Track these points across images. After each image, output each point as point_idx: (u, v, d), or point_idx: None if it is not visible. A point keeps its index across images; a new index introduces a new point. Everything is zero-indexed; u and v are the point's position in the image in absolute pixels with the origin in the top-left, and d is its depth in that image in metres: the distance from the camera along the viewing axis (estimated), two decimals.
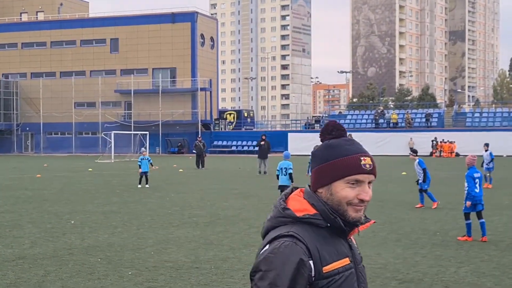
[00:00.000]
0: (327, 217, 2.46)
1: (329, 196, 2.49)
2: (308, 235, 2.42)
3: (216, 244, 12.64)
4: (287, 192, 2.57)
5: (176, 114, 75.30)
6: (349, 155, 2.52)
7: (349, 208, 2.48)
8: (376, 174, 2.57)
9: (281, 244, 2.38)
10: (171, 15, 77.43)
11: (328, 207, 2.47)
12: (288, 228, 2.44)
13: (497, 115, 68.16)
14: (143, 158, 26.78)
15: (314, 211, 2.47)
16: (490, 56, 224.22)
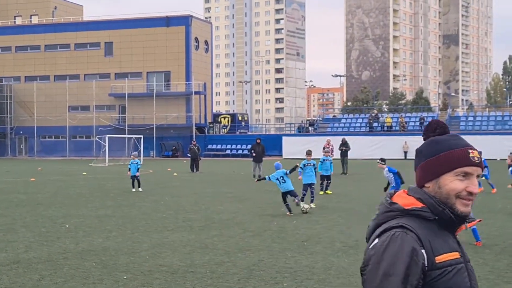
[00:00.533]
0: (435, 209, 2.46)
1: (437, 189, 2.49)
2: (418, 226, 2.41)
3: (211, 248, 12.63)
4: (391, 193, 2.59)
5: (170, 118, 75.25)
6: (457, 148, 2.53)
7: (457, 202, 2.47)
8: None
9: (391, 235, 2.38)
10: (165, 18, 77.42)
11: (436, 200, 2.47)
12: (396, 220, 2.44)
13: (490, 119, 68.36)
14: (132, 162, 26.83)
15: (422, 204, 2.48)
16: (484, 59, 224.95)
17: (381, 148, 61.68)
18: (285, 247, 12.71)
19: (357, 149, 50.67)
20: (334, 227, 15.54)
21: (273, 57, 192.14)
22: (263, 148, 36.01)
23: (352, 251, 12.21)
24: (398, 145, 62.27)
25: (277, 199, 22.31)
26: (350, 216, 17.67)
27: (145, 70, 77.45)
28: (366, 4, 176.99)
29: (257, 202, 21.46)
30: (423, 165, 2.57)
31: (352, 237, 13.85)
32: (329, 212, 18.62)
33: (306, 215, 17.95)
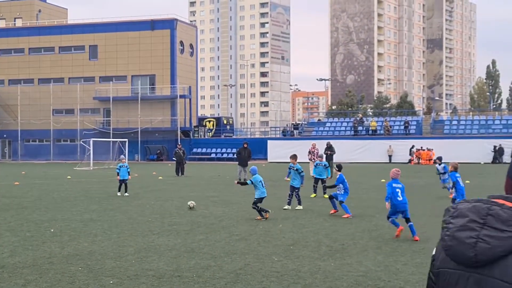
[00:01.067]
0: None
1: None
2: None
3: (197, 252, 12.62)
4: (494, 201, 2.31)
5: (155, 121, 75.13)
6: None
7: None
8: None
9: None
10: (150, 22, 77.33)
11: None
12: None
13: (474, 123, 68.84)
14: (122, 166, 26.65)
15: None
16: (467, 64, 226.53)
17: (366, 151, 61.96)
18: (272, 251, 12.73)
19: (342, 152, 50.80)
20: (320, 230, 15.58)
21: (258, 60, 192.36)
22: (249, 152, 35.91)
23: (339, 255, 12.25)
24: (383, 149, 62.59)
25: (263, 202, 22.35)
26: (336, 220, 17.72)
27: (130, 73, 77.28)
28: (351, 8, 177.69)
29: (242, 206, 21.46)
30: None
31: (338, 241, 13.89)
32: (314, 216, 18.67)
33: (292, 219, 17.98)
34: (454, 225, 2.25)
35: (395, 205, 14.39)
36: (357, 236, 14.65)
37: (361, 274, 10.47)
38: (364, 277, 10.31)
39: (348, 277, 10.29)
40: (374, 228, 16.00)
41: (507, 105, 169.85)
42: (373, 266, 11.15)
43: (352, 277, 10.26)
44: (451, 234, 2.24)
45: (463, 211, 2.26)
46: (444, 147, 60.23)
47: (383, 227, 16.12)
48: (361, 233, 15.04)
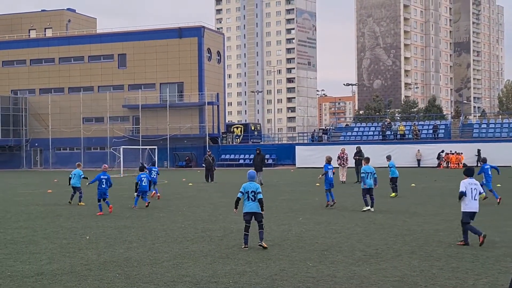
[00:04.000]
0: None
1: None
2: None
3: (232, 258, 12.71)
4: None
5: (183, 128, 75.56)
6: None
7: None
8: None
9: None
10: (178, 30, 77.88)
11: None
12: None
13: (504, 126, 68.13)
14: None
15: None
16: (495, 67, 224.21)
17: (395, 156, 61.44)
18: (305, 256, 12.78)
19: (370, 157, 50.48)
20: (352, 236, 15.60)
21: (285, 66, 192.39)
22: (262, 157, 36.67)
23: (373, 260, 12.27)
24: (411, 153, 62.23)
25: (293, 207, 22.42)
26: (368, 225, 17.72)
27: (158, 81, 77.87)
28: (377, 13, 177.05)
29: (273, 211, 21.52)
30: None
31: (372, 246, 13.90)
32: (346, 221, 18.67)
33: (324, 224, 17.99)
34: None
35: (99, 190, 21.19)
36: (390, 241, 14.64)
37: (397, 279, 10.48)
38: (401, 282, 10.32)
39: (384, 282, 10.30)
40: (407, 232, 15.97)
41: None
42: (409, 271, 11.15)
43: (388, 282, 10.28)
44: None
45: None
46: (473, 151, 59.75)
47: (416, 231, 16.09)
48: (394, 238, 15.02)
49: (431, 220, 18.62)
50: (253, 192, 14.12)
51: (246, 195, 14.22)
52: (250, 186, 14.21)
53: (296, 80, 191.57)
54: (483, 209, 20.45)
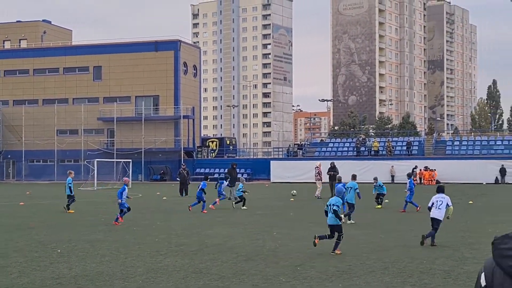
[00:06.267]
0: None
1: None
2: None
3: (205, 273, 12.68)
4: None
5: (158, 142, 75.30)
6: None
7: None
8: None
9: None
10: (154, 43, 77.80)
11: None
12: None
13: (476, 144, 68.89)
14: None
15: None
16: (468, 84, 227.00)
17: (369, 172, 61.89)
18: (279, 271, 12.79)
19: (345, 173, 50.75)
20: (326, 251, 15.63)
21: (261, 81, 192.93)
22: (236, 172, 37.37)
23: (346, 276, 12.32)
24: (385, 169, 62.61)
25: (268, 223, 22.44)
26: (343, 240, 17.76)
27: (133, 94, 77.59)
28: (353, 30, 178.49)
29: (247, 226, 21.54)
30: None
31: (345, 262, 13.96)
32: None
33: (299, 239, 18.02)
34: None
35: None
36: (363, 256, 14.71)
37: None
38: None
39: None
40: (380, 248, 16.06)
41: (508, 126, 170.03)
42: (382, 287, 11.21)
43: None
44: None
45: None
46: (446, 168, 60.32)
47: (389, 248, 16.19)
48: (368, 254, 15.10)
49: (404, 237, 18.75)
50: (332, 205, 15.49)
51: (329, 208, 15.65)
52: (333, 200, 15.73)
53: (272, 95, 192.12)
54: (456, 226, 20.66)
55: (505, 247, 2.30)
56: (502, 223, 21.56)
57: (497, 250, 2.32)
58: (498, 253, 2.32)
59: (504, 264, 2.28)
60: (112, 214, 26.90)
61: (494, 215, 23.78)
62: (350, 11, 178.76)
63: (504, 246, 2.31)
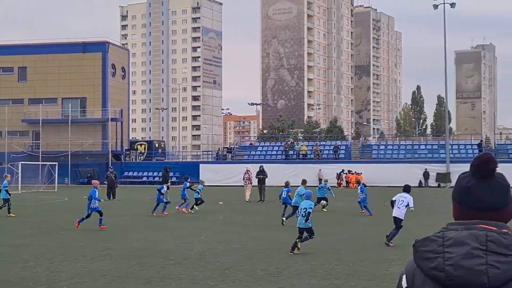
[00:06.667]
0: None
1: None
2: None
3: (132, 278, 12.55)
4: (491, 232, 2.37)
5: (86, 145, 73.97)
6: None
7: None
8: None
9: None
10: (82, 44, 76.44)
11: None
12: None
13: (401, 148, 70.54)
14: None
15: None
16: (394, 90, 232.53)
17: (297, 175, 62.41)
18: (207, 275, 12.78)
19: (274, 176, 51.26)
20: (254, 254, 15.72)
21: (190, 84, 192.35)
22: (169, 175, 38.74)
23: (274, 279, 12.41)
24: (313, 173, 63.32)
25: (197, 226, 22.39)
26: (270, 243, 17.90)
27: (60, 95, 75.99)
28: (281, 35, 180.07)
29: (176, 230, 21.44)
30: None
31: (273, 265, 14.06)
32: (248, 240, 18.80)
33: (227, 242, 18.05)
34: (455, 254, 2.29)
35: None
36: (291, 259, 14.86)
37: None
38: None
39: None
40: (307, 251, 16.23)
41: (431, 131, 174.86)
42: None
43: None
44: (455, 263, 2.28)
45: (460, 239, 2.33)
46: (372, 171, 61.51)
47: (317, 250, 16.39)
48: (295, 257, 15.25)
49: (331, 239, 19.02)
50: (305, 208, 15.93)
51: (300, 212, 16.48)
52: (306, 204, 16.17)
53: (202, 98, 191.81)
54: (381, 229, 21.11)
55: (425, 249, 2.36)
56: (425, 225, 22.16)
57: (418, 252, 2.39)
58: (419, 255, 2.38)
59: (424, 266, 2.35)
60: (38, 218, 26.32)
61: (418, 218, 24.39)
62: (279, 16, 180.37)
63: (424, 248, 2.37)
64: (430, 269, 2.32)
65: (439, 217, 25.25)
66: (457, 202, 2.53)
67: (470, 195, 2.48)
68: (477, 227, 2.36)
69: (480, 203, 2.46)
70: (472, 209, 2.47)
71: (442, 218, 17.85)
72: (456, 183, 2.57)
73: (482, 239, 2.30)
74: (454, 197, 2.55)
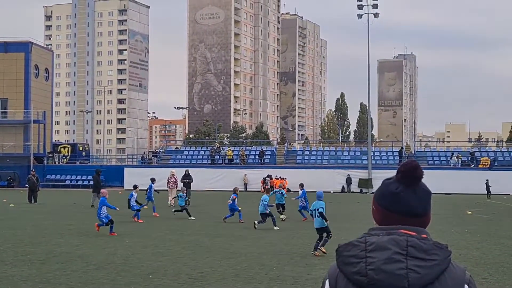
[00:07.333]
0: None
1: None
2: None
3: (53, 283, 12.35)
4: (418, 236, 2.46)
5: (6, 147, 71.97)
6: None
7: None
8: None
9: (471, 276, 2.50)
10: (3, 44, 74.43)
11: None
12: (458, 263, 2.49)
13: (325, 154, 71.67)
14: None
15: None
16: (318, 97, 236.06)
17: (223, 180, 62.73)
18: (130, 280, 12.70)
19: (199, 181, 51.27)
20: (178, 259, 15.71)
21: (116, 87, 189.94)
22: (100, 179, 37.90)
23: (198, 283, 12.45)
24: (239, 178, 63.64)
25: (120, 229, 22.15)
26: (194, 248, 17.92)
27: None
28: (209, 39, 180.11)
29: (99, 234, 21.15)
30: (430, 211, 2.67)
31: (197, 269, 14.10)
32: (173, 244, 18.75)
33: (150, 247, 17.97)
34: (377, 258, 2.37)
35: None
36: (215, 264, 14.92)
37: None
38: None
39: None
40: (232, 255, 16.34)
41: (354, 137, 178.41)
42: None
43: None
44: (377, 268, 2.36)
45: (382, 244, 2.41)
46: (296, 176, 62.19)
47: (241, 254, 16.52)
48: (220, 261, 15.33)
49: (255, 244, 19.17)
50: (316, 209, 16.74)
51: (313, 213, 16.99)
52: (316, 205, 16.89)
53: (127, 102, 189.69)
54: (303, 233, 21.41)
55: (348, 254, 2.42)
56: (347, 230, 22.62)
57: (341, 257, 2.45)
58: (341, 260, 2.44)
59: (347, 271, 2.41)
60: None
61: (340, 223, 24.87)
62: (207, 20, 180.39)
63: (347, 253, 2.43)
64: (353, 274, 2.39)
65: (361, 222, 25.81)
66: (384, 208, 2.58)
67: (398, 201, 2.55)
68: (398, 232, 2.43)
69: (408, 208, 2.54)
70: (398, 214, 2.55)
71: (365, 223, 18.27)
72: (381, 188, 2.63)
73: (402, 244, 2.38)
74: (380, 202, 2.60)
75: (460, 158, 65.47)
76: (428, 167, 60.73)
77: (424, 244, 2.39)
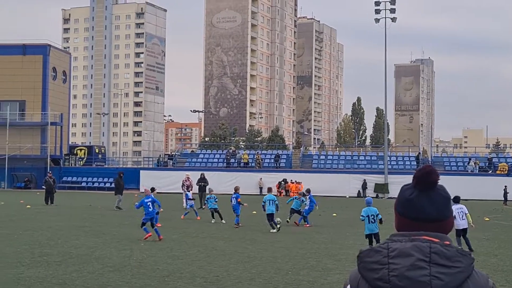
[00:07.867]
0: None
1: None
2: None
3: (69, 285, 12.39)
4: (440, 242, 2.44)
5: (24, 149, 72.42)
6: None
7: None
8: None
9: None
10: (22, 46, 74.90)
11: None
12: (483, 272, 2.48)
13: (340, 158, 71.43)
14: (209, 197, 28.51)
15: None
16: (335, 101, 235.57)
17: (238, 183, 62.43)
18: (146, 282, 12.72)
19: (214, 184, 51.20)
20: (194, 262, 15.71)
21: (132, 90, 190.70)
22: (123, 181, 37.41)
23: (213, 286, 12.44)
24: (254, 181, 63.61)
25: (136, 233, 22.19)
26: (209, 251, 17.92)
27: None
28: (225, 43, 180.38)
29: (114, 236, 21.21)
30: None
31: (213, 273, 14.09)
32: (188, 247, 18.77)
33: (166, 250, 17.99)
34: (400, 265, 2.35)
35: (146, 214, 20.21)
36: (231, 267, 14.91)
37: None
38: None
39: None
40: (247, 259, 16.32)
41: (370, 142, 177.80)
42: None
43: None
44: (400, 274, 2.34)
45: (405, 251, 2.40)
46: (312, 181, 62.09)
47: (255, 258, 16.49)
48: (235, 265, 15.31)
49: (270, 248, 19.14)
50: (373, 215, 17.42)
51: (367, 219, 17.50)
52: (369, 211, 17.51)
53: (143, 104, 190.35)
54: (319, 238, 21.35)
55: (370, 260, 2.41)
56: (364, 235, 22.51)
57: (363, 263, 2.43)
58: (363, 266, 2.42)
59: (369, 277, 2.39)
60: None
61: (356, 228, 24.76)
62: (224, 24, 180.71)
63: (369, 259, 2.41)
64: (375, 280, 2.37)
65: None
66: (400, 214, 2.57)
67: (412, 207, 2.53)
68: (420, 239, 2.41)
69: (422, 214, 2.52)
70: (414, 220, 2.53)
71: (382, 228, 18.17)
72: (399, 194, 2.62)
73: (426, 250, 2.36)
74: (397, 208, 2.59)
75: (478, 164, 64.97)
76: (445, 172, 60.36)
77: (447, 251, 2.38)
